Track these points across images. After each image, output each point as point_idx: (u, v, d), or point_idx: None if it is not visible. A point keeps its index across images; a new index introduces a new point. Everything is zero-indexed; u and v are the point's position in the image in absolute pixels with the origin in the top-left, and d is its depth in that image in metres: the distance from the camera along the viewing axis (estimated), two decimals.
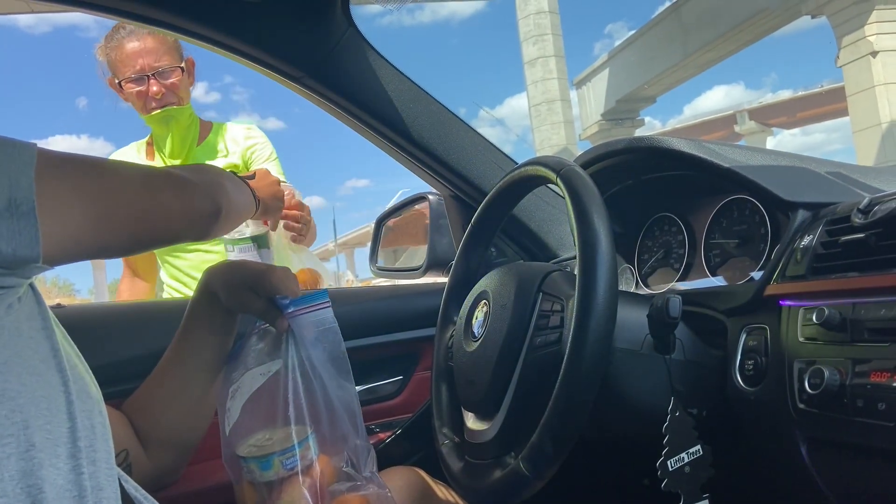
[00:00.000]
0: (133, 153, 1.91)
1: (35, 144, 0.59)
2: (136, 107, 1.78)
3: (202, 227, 0.83)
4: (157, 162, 1.87)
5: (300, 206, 1.23)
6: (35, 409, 0.58)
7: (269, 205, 1.11)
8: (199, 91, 1.95)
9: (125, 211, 0.69)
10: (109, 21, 1.59)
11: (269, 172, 1.13)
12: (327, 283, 1.37)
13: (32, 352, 0.59)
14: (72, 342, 0.67)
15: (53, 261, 0.60)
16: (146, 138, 1.92)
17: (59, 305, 1.23)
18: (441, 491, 1.06)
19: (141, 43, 1.71)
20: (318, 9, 1.12)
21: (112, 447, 0.67)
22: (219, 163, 1.89)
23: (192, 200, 0.79)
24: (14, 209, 0.55)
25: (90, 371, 0.69)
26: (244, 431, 0.83)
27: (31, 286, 0.62)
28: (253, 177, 1.08)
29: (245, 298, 0.85)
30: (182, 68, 1.77)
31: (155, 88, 1.72)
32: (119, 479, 0.67)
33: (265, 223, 1.17)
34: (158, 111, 1.75)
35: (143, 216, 0.72)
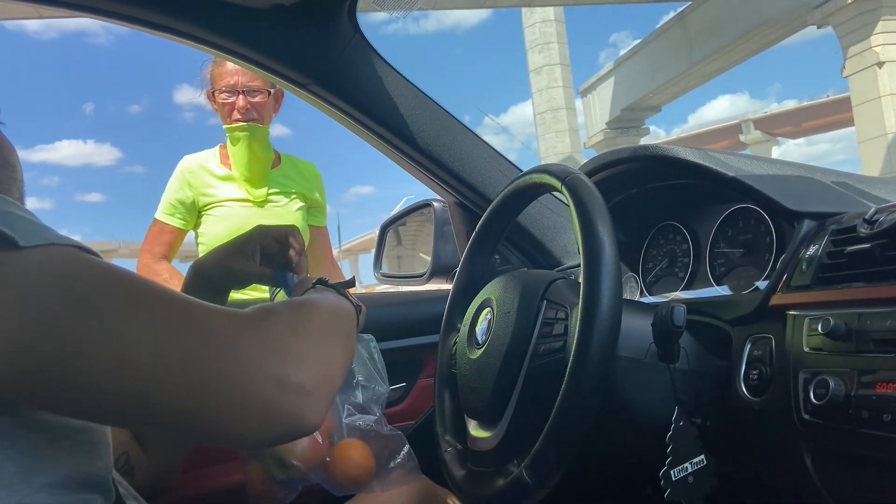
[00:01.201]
0: (212, 157, 2.06)
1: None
2: (222, 116, 2.00)
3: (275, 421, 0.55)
4: (235, 170, 2.01)
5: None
6: None
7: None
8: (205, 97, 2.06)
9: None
10: (119, 28, 1.61)
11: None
12: None
13: None
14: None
15: None
16: (218, 146, 2.07)
17: None
18: (444, 498, 1.06)
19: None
20: (324, 16, 1.13)
21: (107, 466, 0.65)
22: (291, 196, 2.06)
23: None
24: None
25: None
26: None
27: None
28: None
29: (238, 267, 0.87)
30: (269, 92, 1.98)
31: (241, 103, 1.94)
32: (115, 483, 0.67)
33: None
34: (240, 124, 1.95)
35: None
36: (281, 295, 0.91)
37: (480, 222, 1.03)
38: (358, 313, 0.81)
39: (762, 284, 0.92)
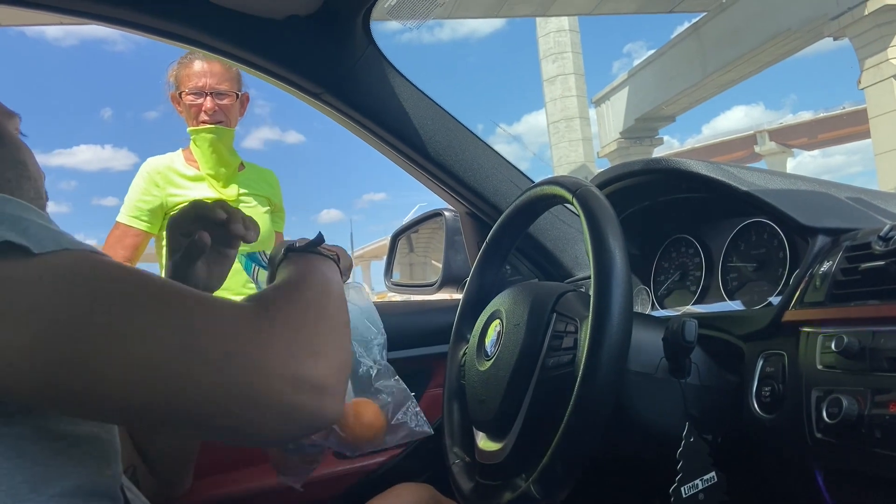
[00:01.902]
0: (177, 159, 2.04)
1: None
2: (188, 117, 1.98)
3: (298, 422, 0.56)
4: (203, 171, 1.99)
5: None
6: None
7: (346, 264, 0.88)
8: None
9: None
10: (138, 37, 1.62)
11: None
12: None
13: None
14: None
15: None
16: (180, 150, 2.06)
17: None
18: None
19: (209, 66, 1.95)
20: (339, 27, 1.13)
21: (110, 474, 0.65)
22: (259, 199, 2.07)
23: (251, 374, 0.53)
24: None
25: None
26: None
27: None
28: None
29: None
30: (237, 95, 1.99)
31: (209, 105, 1.93)
32: (124, 489, 0.67)
33: None
34: (206, 126, 1.94)
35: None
36: (262, 274, 0.90)
37: (491, 233, 1.03)
38: (338, 263, 0.79)
39: (775, 300, 0.91)
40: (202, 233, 0.81)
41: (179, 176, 1.99)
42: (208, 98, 1.94)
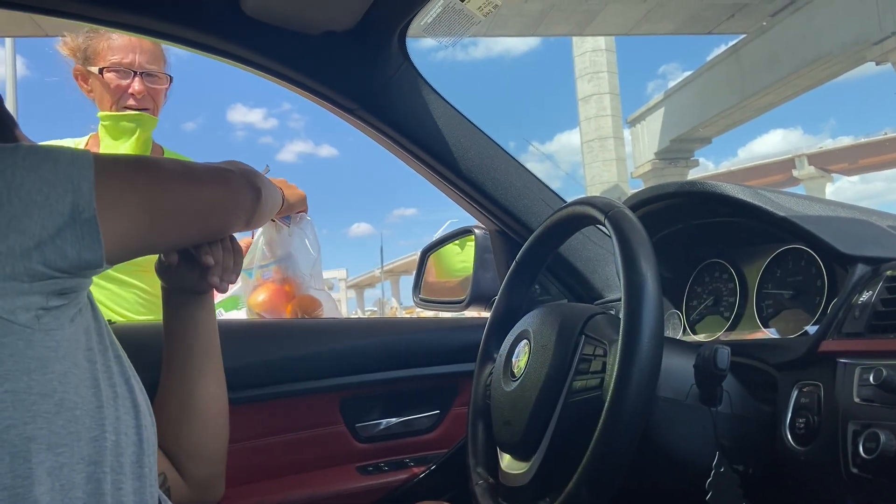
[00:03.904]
0: (83, 146, 1.69)
1: (90, 151, 0.63)
2: (105, 99, 1.65)
3: (246, 216, 0.90)
4: None
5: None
6: (89, 420, 0.60)
7: (293, 203, 1.36)
8: (257, 117, 2.07)
9: (172, 205, 0.73)
10: (178, 50, 1.64)
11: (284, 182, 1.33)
12: (327, 311, 1.50)
13: (90, 364, 0.61)
14: (127, 357, 0.70)
15: (112, 259, 0.63)
16: (87, 137, 1.73)
17: (110, 322, 1.26)
18: None
19: (137, 40, 1.64)
20: (374, 43, 1.15)
21: (156, 465, 0.68)
22: None
23: (233, 190, 0.85)
24: (77, 215, 0.58)
25: (144, 391, 0.71)
26: None
27: (90, 299, 0.65)
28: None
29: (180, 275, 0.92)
30: (171, 78, 1.71)
31: (139, 87, 1.63)
32: (159, 500, 0.68)
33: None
34: (131, 112, 1.64)
35: (189, 208, 0.76)
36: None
37: (521, 252, 1.02)
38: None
39: (811, 329, 0.88)
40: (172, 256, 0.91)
41: None
42: (137, 79, 1.61)
